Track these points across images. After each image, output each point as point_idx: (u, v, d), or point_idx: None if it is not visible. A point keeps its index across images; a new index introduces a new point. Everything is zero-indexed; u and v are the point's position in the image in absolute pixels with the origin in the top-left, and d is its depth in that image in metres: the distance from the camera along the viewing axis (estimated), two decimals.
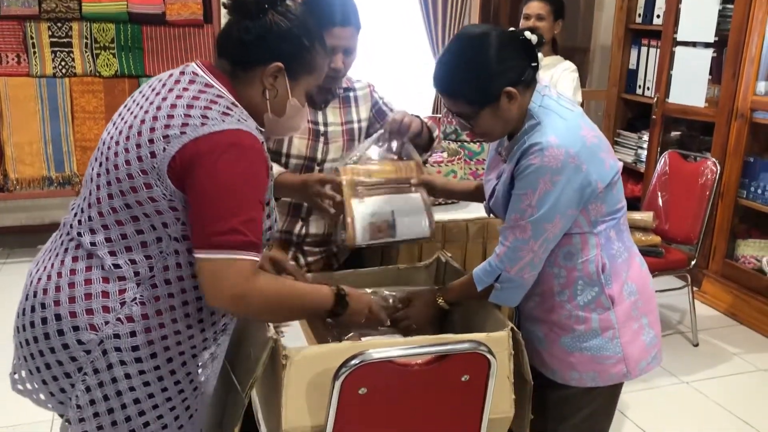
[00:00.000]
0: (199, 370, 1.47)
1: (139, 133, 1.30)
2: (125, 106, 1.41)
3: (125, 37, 4.09)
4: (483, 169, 2.44)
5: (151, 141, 1.28)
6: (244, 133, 1.29)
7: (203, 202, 1.27)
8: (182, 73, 1.38)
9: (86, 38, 4.04)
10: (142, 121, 1.31)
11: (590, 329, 1.64)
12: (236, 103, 1.35)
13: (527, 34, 1.56)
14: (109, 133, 1.38)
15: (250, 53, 1.37)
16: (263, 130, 1.42)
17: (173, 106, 1.30)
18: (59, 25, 3.99)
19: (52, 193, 4.18)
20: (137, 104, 1.37)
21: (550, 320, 1.68)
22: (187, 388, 1.44)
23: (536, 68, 1.58)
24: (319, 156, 2.08)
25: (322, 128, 2.08)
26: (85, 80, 4.08)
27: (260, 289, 1.31)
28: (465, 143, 2.75)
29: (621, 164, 1.64)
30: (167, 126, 1.28)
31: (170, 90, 1.34)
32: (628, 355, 1.65)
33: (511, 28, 1.59)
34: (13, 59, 3.98)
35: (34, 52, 3.98)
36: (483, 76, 1.53)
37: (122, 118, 1.38)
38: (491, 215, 1.80)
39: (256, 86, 1.39)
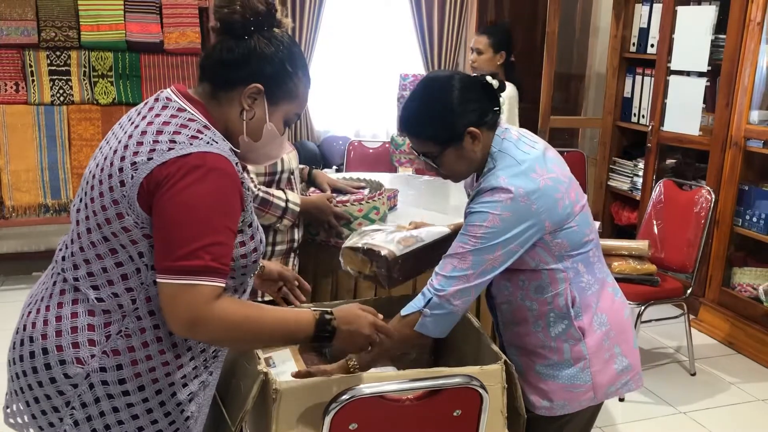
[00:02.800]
0: (190, 399, 1.45)
1: (111, 164, 1.30)
2: (105, 140, 1.41)
3: (123, 66, 4.12)
4: None
5: (120, 170, 1.28)
6: (212, 155, 1.27)
7: (164, 226, 1.25)
8: (156, 99, 1.38)
9: (84, 67, 4.07)
10: (115, 151, 1.31)
11: (563, 359, 1.68)
12: (209, 126, 1.34)
13: (488, 78, 1.63)
14: (89, 168, 1.38)
15: (231, 73, 1.37)
16: (238, 151, 1.41)
17: (143, 132, 1.30)
18: (58, 53, 4.02)
19: (48, 221, 4.17)
20: (115, 136, 1.37)
21: (527, 348, 1.72)
22: (179, 418, 1.42)
23: (498, 112, 1.64)
24: (278, 168, 2.27)
25: None
26: (82, 108, 4.10)
27: (219, 314, 1.26)
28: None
29: (583, 200, 1.66)
30: (135, 153, 1.28)
31: (143, 117, 1.34)
32: (597, 383, 1.69)
33: (474, 74, 1.67)
34: (11, 87, 4.00)
35: (33, 81, 4.01)
36: (446, 116, 1.59)
37: (101, 152, 1.38)
38: None
39: (234, 107, 1.38)
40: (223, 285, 1.28)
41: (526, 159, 1.61)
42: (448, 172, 1.67)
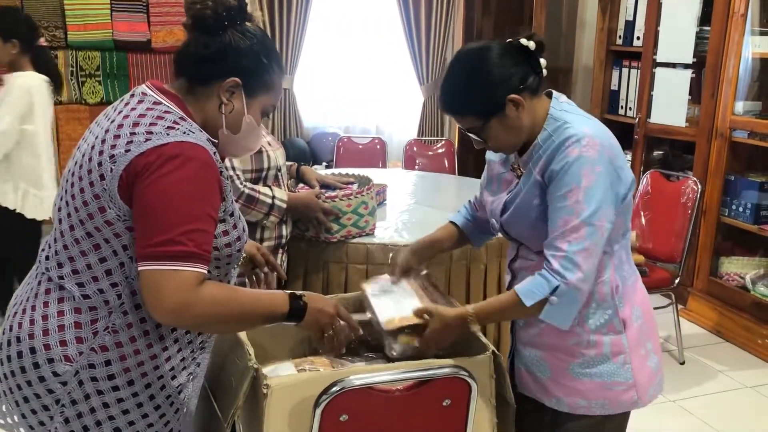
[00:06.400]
0: (179, 392, 1.46)
1: (90, 159, 1.32)
2: (83, 138, 1.42)
3: (111, 65, 4.11)
4: None
5: (99, 164, 1.30)
6: (189, 144, 1.29)
7: (144, 213, 1.27)
8: (132, 95, 1.40)
9: (72, 66, 4.06)
10: (92, 147, 1.33)
11: (601, 354, 1.59)
12: (185, 117, 1.36)
13: (523, 41, 1.53)
14: (68, 167, 1.39)
15: (208, 68, 1.38)
16: (216, 141, 1.42)
17: (120, 126, 1.32)
18: None
19: None
20: (92, 133, 1.38)
21: (557, 346, 1.61)
22: (168, 411, 1.43)
23: (541, 75, 1.55)
24: (264, 164, 2.27)
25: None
26: (71, 108, 4.09)
27: (204, 298, 1.27)
28: None
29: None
30: (113, 146, 1.29)
31: (119, 112, 1.36)
32: (638, 381, 1.61)
33: (509, 39, 1.56)
34: None
35: None
36: (484, 87, 1.51)
37: (79, 150, 1.39)
38: (500, 234, 1.72)
39: (212, 101, 1.40)
40: (206, 272, 1.29)
41: (593, 117, 1.56)
42: (496, 145, 1.58)
